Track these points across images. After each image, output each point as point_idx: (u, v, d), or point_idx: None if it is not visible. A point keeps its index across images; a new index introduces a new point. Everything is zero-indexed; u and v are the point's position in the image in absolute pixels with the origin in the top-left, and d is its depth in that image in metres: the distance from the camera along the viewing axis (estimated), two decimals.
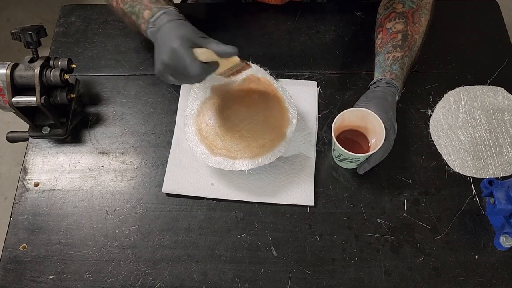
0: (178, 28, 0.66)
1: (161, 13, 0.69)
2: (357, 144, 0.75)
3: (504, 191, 0.67)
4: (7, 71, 0.72)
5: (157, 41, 0.68)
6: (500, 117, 0.81)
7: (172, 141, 0.80)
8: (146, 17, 0.70)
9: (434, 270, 0.69)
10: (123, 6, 0.74)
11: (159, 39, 0.67)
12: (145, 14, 0.70)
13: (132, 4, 0.72)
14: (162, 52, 0.64)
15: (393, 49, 0.77)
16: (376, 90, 0.76)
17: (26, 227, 0.74)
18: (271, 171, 0.76)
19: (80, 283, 0.70)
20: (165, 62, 0.64)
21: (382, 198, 0.75)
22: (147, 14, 0.70)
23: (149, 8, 0.70)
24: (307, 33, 0.90)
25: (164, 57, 0.64)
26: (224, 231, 0.73)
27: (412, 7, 0.79)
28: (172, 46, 0.62)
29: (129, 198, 0.76)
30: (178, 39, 0.63)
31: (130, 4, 0.73)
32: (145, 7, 0.71)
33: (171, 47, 0.63)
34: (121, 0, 0.74)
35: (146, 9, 0.70)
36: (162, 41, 0.66)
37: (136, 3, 0.72)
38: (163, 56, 0.64)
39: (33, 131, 0.80)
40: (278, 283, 0.69)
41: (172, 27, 0.66)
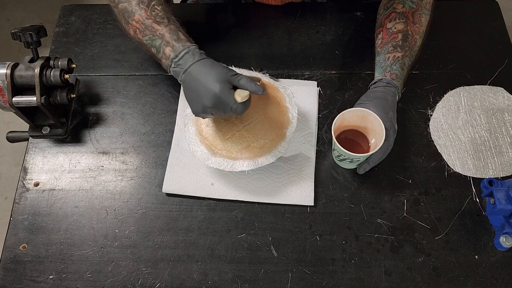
0: (210, 70, 0.67)
1: (184, 53, 0.69)
2: (357, 144, 0.75)
3: (504, 191, 0.67)
4: (7, 71, 0.72)
5: (187, 84, 0.69)
6: (500, 117, 0.81)
7: (172, 141, 0.80)
8: (168, 54, 0.70)
9: (434, 270, 0.70)
10: (141, 37, 0.73)
11: (190, 82, 0.68)
12: (167, 51, 0.70)
13: (152, 37, 0.71)
14: (204, 98, 0.66)
15: (393, 49, 0.77)
16: (376, 90, 0.76)
17: (26, 227, 0.74)
18: (271, 171, 0.76)
19: (80, 283, 0.70)
20: (208, 107, 0.66)
21: (382, 198, 0.75)
22: (169, 51, 0.70)
23: (171, 46, 0.70)
24: (307, 33, 0.90)
25: (207, 103, 0.66)
26: (224, 231, 0.73)
27: (412, 7, 0.79)
28: (215, 91, 0.65)
29: (129, 198, 0.76)
30: (218, 83, 0.65)
31: (150, 37, 0.72)
32: (167, 44, 0.70)
33: (214, 93, 0.65)
34: (140, 31, 0.72)
35: (168, 46, 0.70)
36: (197, 84, 0.67)
37: (156, 37, 0.71)
38: (205, 102, 0.66)
39: (33, 131, 0.80)
40: (278, 283, 0.69)
41: (202, 70, 0.67)
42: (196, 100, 0.67)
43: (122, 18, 0.74)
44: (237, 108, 0.65)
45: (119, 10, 0.74)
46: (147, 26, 0.71)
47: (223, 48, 0.88)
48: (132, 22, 0.73)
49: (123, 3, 0.73)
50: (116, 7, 0.75)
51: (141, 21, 0.72)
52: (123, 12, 0.74)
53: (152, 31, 0.71)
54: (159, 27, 0.71)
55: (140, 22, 0.72)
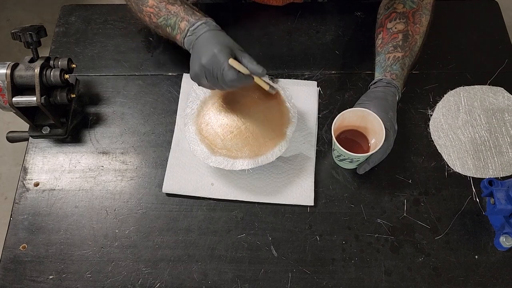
0: (219, 36, 0.70)
1: (200, 23, 0.71)
2: (357, 144, 0.75)
3: (504, 191, 0.67)
4: (7, 71, 0.72)
5: (195, 47, 0.71)
6: (500, 117, 0.81)
7: (172, 141, 0.80)
8: (183, 27, 0.73)
9: (434, 270, 0.70)
10: (156, 20, 0.76)
11: (197, 45, 0.70)
12: (182, 25, 0.73)
13: (167, 17, 0.74)
14: (202, 56, 0.67)
15: (393, 49, 0.77)
16: (377, 90, 0.76)
17: (26, 227, 0.74)
18: (271, 171, 0.76)
19: (80, 283, 0.70)
20: (203, 64, 0.67)
21: (382, 198, 0.75)
22: (184, 25, 0.73)
23: (187, 20, 0.73)
24: (307, 33, 0.90)
25: (204, 60, 0.67)
26: (224, 231, 0.73)
27: (413, 7, 0.79)
28: (214, 51, 0.66)
29: (129, 198, 0.76)
30: (219, 45, 0.67)
31: (165, 17, 0.75)
32: (182, 19, 0.73)
33: (213, 51, 0.66)
34: (154, 14, 0.76)
35: (183, 20, 0.73)
36: (201, 46, 0.69)
37: (171, 15, 0.74)
38: (202, 59, 0.67)
39: (33, 131, 0.80)
40: (278, 283, 0.69)
41: (213, 35, 0.70)
42: (196, 59, 0.69)
43: (136, 7, 0.78)
44: (228, 73, 0.64)
45: (133, 0, 0.78)
46: (161, 8, 0.75)
47: None
48: (146, 8, 0.76)
49: None
50: (129, 1, 0.79)
51: (155, 5, 0.75)
52: (137, 1, 0.77)
53: (166, 12, 0.74)
54: (173, 7, 0.74)
55: (154, 7, 0.75)
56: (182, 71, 0.86)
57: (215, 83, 0.68)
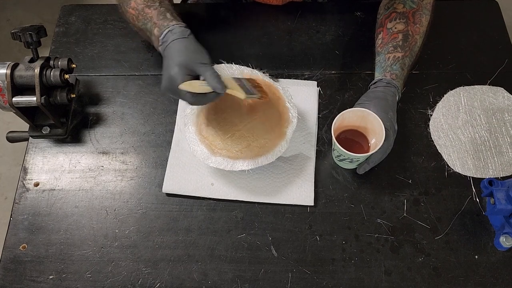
0: (179, 51, 0.68)
1: (167, 31, 0.71)
2: (357, 144, 0.75)
3: (504, 191, 0.67)
4: (7, 71, 0.72)
5: (163, 62, 0.71)
6: (500, 117, 0.81)
7: (172, 141, 0.80)
8: (156, 35, 0.73)
9: (434, 270, 0.70)
10: (137, 22, 0.76)
11: (164, 59, 0.70)
12: (155, 32, 0.73)
13: (144, 21, 0.75)
14: (164, 76, 0.68)
15: (393, 49, 0.77)
16: (377, 90, 0.76)
17: (26, 227, 0.74)
18: (271, 171, 0.76)
19: (80, 283, 0.70)
20: (165, 86, 0.68)
21: (382, 198, 0.75)
22: (157, 32, 0.73)
23: (158, 26, 0.72)
24: (307, 33, 0.90)
25: (165, 82, 0.68)
26: (224, 231, 0.73)
27: (413, 7, 0.79)
28: (170, 73, 0.66)
29: (129, 198, 0.76)
30: (176, 67, 0.66)
31: (143, 21, 0.75)
32: (154, 25, 0.73)
33: (170, 74, 0.66)
34: (135, 17, 0.76)
35: (156, 27, 0.73)
36: (165, 63, 0.69)
37: (147, 20, 0.74)
38: (164, 81, 0.68)
39: (33, 131, 0.80)
40: (278, 283, 0.69)
41: (174, 50, 0.69)
42: (163, 77, 0.69)
43: (123, 8, 0.78)
44: (186, 97, 0.64)
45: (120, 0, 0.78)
46: (140, 11, 0.75)
47: (223, 48, 0.88)
48: (129, 10, 0.76)
49: None
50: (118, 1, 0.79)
51: (135, 7, 0.75)
52: (122, 1, 0.77)
53: (143, 15, 0.74)
54: (149, 10, 0.74)
55: (134, 9, 0.75)
56: None
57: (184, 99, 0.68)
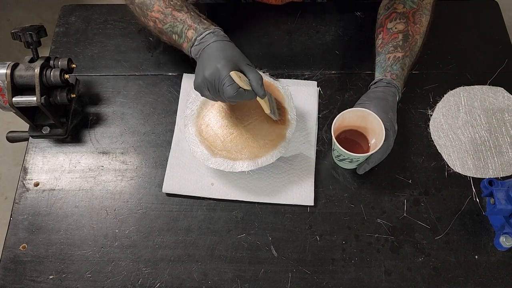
0: (225, 49, 0.68)
1: (208, 32, 0.70)
2: (357, 144, 0.75)
3: (504, 191, 0.67)
4: (7, 71, 0.72)
5: (201, 57, 0.70)
6: (500, 117, 0.81)
7: (172, 141, 0.80)
8: (190, 36, 0.72)
9: (434, 270, 0.70)
10: (162, 26, 0.75)
11: (203, 56, 0.69)
12: (189, 34, 0.72)
13: (173, 24, 0.73)
14: (206, 68, 0.66)
15: (394, 49, 0.77)
16: (377, 90, 0.76)
17: (26, 227, 0.74)
18: (271, 171, 0.76)
19: (80, 283, 0.70)
20: (206, 77, 0.66)
21: (382, 198, 0.75)
22: (191, 33, 0.71)
23: (194, 28, 0.72)
24: (307, 33, 0.90)
25: (207, 72, 0.66)
26: (224, 231, 0.73)
27: (413, 7, 0.79)
28: (217, 65, 0.65)
29: (129, 198, 0.76)
30: (223, 59, 0.65)
31: (171, 24, 0.73)
32: (189, 27, 0.72)
33: (216, 66, 0.65)
34: (160, 20, 0.74)
35: (190, 29, 0.72)
36: (207, 58, 0.68)
37: (178, 22, 0.73)
38: (206, 72, 0.66)
39: (33, 131, 0.80)
40: (278, 283, 0.69)
41: (219, 47, 0.68)
42: (200, 71, 0.68)
43: (140, 12, 0.77)
44: (228, 89, 0.63)
45: (136, 4, 0.76)
46: (167, 14, 0.73)
47: None
48: (151, 13, 0.75)
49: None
50: (132, 4, 0.78)
51: (160, 10, 0.74)
52: (141, 5, 0.76)
53: (173, 19, 0.73)
54: (179, 14, 0.73)
55: (160, 12, 0.74)
56: (182, 71, 0.86)
57: (217, 96, 0.67)
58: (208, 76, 0.66)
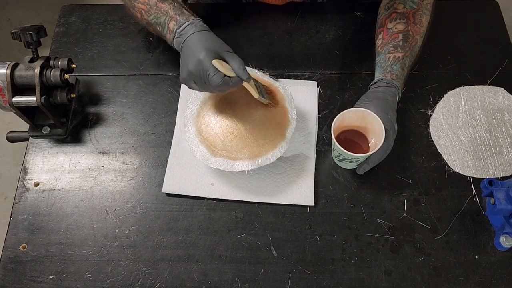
0: (204, 39, 0.69)
1: (187, 24, 0.71)
2: (356, 144, 0.75)
3: (504, 191, 0.67)
4: (7, 71, 0.72)
5: (183, 50, 0.70)
6: (500, 117, 0.81)
7: (172, 141, 0.80)
8: (172, 28, 0.73)
9: (434, 270, 0.70)
10: (147, 17, 0.76)
11: (184, 49, 0.70)
12: (171, 25, 0.73)
13: (157, 15, 0.74)
14: (189, 61, 0.67)
15: (394, 50, 0.77)
16: (377, 90, 0.76)
17: (26, 227, 0.74)
18: (271, 171, 0.76)
19: (80, 283, 0.70)
20: (190, 70, 0.67)
21: (382, 198, 0.75)
22: (173, 25, 0.73)
23: (175, 20, 0.73)
24: (307, 33, 0.90)
25: (190, 66, 0.67)
26: (224, 231, 0.73)
27: (413, 7, 0.79)
28: (199, 57, 0.66)
29: (129, 198, 0.76)
30: (204, 50, 0.66)
31: (155, 15, 0.75)
32: (171, 18, 0.73)
33: (198, 58, 0.66)
34: (145, 12, 0.76)
35: (172, 20, 0.73)
36: (188, 50, 0.69)
37: (161, 14, 0.74)
38: (189, 65, 0.67)
39: (33, 131, 0.80)
40: (278, 283, 0.69)
41: (199, 38, 0.69)
42: (183, 65, 0.69)
43: (129, 3, 0.78)
44: (213, 78, 0.64)
45: None
46: (151, 5, 0.75)
47: None
48: (138, 5, 0.76)
49: None
50: None
51: (146, 2, 0.75)
52: None
53: (157, 10, 0.74)
54: (163, 5, 0.74)
55: (145, 3, 0.75)
56: None
57: (204, 87, 0.68)
58: (193, 69, 0.67)
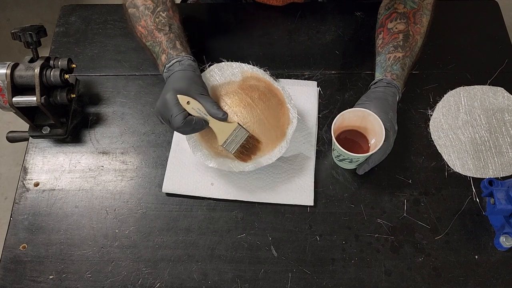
0: (182, 79, 0.69)
1: (175, 61, 0.72)
2: (357, 144, 0.75)
3: (504, 191, 0.67)
4: (7, 71, 0.72)
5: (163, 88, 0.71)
6: (500, 117, 0.81)
7: (172, 141, 0.80)
8: (163, 61, 0.73)
9: (434, 270, 0.70)
10: (145, 42, 0.77)
11: (165, 86, 0.71)
12: (163, 58, 0.74)
13: (153, 43, 0.75)
14: (160, 98, 0.69)
15: (394, 50, 0.77)
16: (377, 91, 0.76)
17: (26, 227, 0.74)
18: (271, 171, 0.76)
19: (80, 283, 0.70)
20: (157, 107, 0.69)
21: (382, 198, 0.75)
22: (164, 58, 0.73)
23: (166, 53, 0.73)
24: (307, 33, 0.90)
25: (158, 103, 0.69)
26: (224, 231, 0.73)
27: (414, 7, 0.79)
28: (165, 96, 0.67)
29: (129, 198, 0.76)
30: (174, 90, 0.67)
31: (151, 43, 0.75)
32: (163, 51, 0.74)
33: (165, 96, 0.67)
34: (144, 36, 0.77)
35: (164, 53, 0.73)
36: (164, 87, 0.70)
37: (155, 44, 0.75)
38: (158, 102, 0.69)
39: (33, 131, 0.80)
40: (278, 283, 0.69)
41: (177, 77, 0.70)
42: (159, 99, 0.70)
43: (131, 22, 0.79)
44: (175, 119, 0.65)
45: (129, 14, 0.78)
46: (149, 32, 0.75)
47: (223, 48, 0.88)
48: (138, 27, 0.77)
49: (132, 8, 0.77)
50: (127, 11, 0.79)
51: (145, 27, 0.76)
52: (132, 16, 0.78)
53: (153, 38, 0.75)
54: (159, 34, 0.74)
55: (144, 28, 0.76)
56: None
57: (170, 126, 0.68)
58: (159, 106, 0.68)
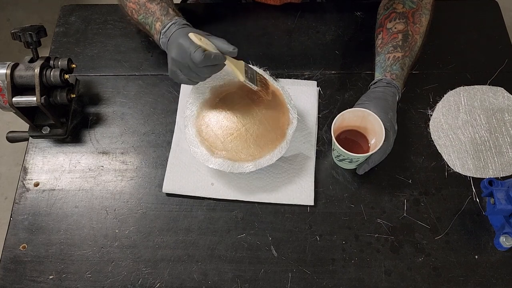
0: (185, 30, 0.71)
1: (170, 24, 0.74)
2: (357, 144, 0.75)
3: (504, 191, 0.67)
4: (7, 71, 0.72)
5: (167, 48, 0.72)
6: (500, 117, 0.81)
7: (172, 141, 0.80)
8: (158, 29, 0.75)
9: (434, 270, 0.70)
10: (137, 16, 0.79)
11: (168, 45, 0.72)
12: (157, 26, 0.75)
13: (146, 15, 0.77)
14: (171, 51, 0.69)
15: (393, 49, 0.77)
16: (377, 91, 0.76)
17: (26, 227, 0.74)
18: (271, 171, 0.76)
19: (80, 283, 0.70)
20: (173, 58, 0.69)
21: (382, 198, 0.75)
22: (159, 26, 0.75)
23: (160, 20, 0.75)
24: (307, 33, 0.90)
25: (173, 53, 0.69)
26: (224, 231, 0.73)
27: (413, 7, 0.79)
28: (178, 41, 0.68)
29: (129, 198, 0.76)
30: (184, 36, 0.68)
31: (144, 15, 0.77)
32: (157, 19, 0.75)
33: (178, 42, 0.68)
34: (135, 11, 0.78)
35: (158, 21, 0.75)
36: (170, 44, 0.71)
37: (149, 14, 0.76)
38: (172, 53, 0.69)
39: (33, 131, 0.80)
40: (278, 283, 0.69)
41: (179, 32, 0.71)
42: (168, 57, 0.71)
43: (122, 1, 0.80)
44: (195, 55, 0.64)
45: None
46: (141, 5, 0.77)
47: None
48: (129, 4, 0.79)
49: None
50: None
51: (136, 1, 0.78)
52: None
53: (145, 10, 0.77)
54: (151, 5, 0.77)
55: (135, 3, 0.78)
56: None
57: (190, 73, 0.68)
58: (175, 55, 0.68)
